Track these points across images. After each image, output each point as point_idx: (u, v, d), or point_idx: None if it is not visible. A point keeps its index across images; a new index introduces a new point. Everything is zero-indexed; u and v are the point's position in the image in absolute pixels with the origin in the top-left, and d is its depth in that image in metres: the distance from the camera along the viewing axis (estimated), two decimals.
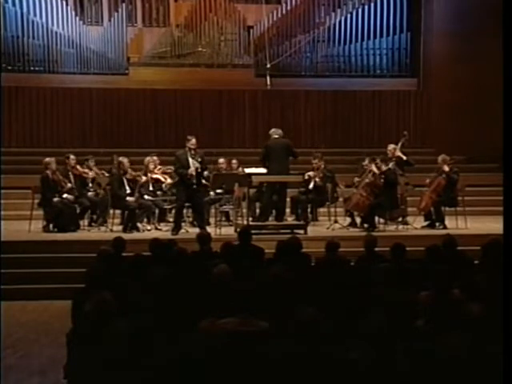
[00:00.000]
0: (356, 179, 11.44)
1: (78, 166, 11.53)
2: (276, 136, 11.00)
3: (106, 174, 11.75)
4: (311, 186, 11.63)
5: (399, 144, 11.90)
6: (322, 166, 11.79)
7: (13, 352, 6.71)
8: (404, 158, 11.82)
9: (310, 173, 11.67)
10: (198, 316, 4.49)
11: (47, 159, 11.10)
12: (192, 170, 10.36)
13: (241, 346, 4.06)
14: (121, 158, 11.33)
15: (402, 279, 5.34)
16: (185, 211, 11.26)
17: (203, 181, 10.93)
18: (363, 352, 3.88)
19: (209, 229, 9.73)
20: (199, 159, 10.47)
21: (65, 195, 10.95)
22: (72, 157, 11.50)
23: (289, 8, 16.36)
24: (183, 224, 10.92)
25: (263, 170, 10.83)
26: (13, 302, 8.48)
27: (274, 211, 11.13)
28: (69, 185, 11.07)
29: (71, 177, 11.32)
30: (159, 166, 11.87)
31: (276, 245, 6.84)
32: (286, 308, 4.46)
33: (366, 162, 11.42)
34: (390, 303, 4.55)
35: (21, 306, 8.45)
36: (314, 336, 3.94)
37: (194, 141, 10.50)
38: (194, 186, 10.44)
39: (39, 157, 12.34)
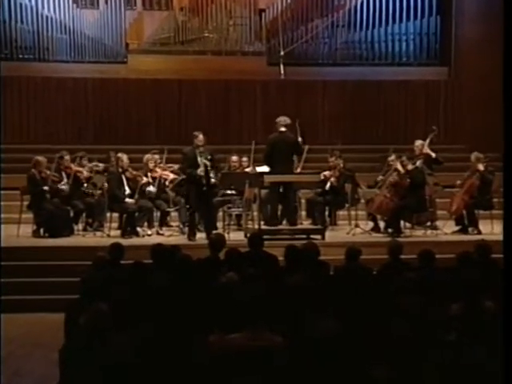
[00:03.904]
0: (380, 177, 11.43)
1: (72, 165, 11.52)
2: (283, 129, 10.98)
3: (100, 165, 11.74)
4: (327, 186, 11.64)
5: (427, 140, 11.89)
6: (341, 165, 11.79)
7: (2, 369, 6.74)
8: (433, 155, 11.81)
9: (326, 172, 11.67)
10: (205, 330, 4.51)
11: (39, 158, 11.11)
12: (201, 171, 10.38)
13: (252, 362, 4.08)
14: (119, 154, 11.37)
15: (431, 290, 5.35)
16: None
17: (212, 180, 10.95)
18: (388, 369, 3.89)
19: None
20: (209, 156, 10.48)
21: (59, 186, 10.96)
22: (66, 157, 11.48)
23: None
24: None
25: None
26: (1, 315, 8.50)
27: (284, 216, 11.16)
28: (65, 180, 11.09)
29: (64, 177, 11.33)
30: (161, 165, 11.86)
31: (289, 251, 6.84)
32: (302, 321, 4.48)
33: (393, 157, 11.38)
34: (418, 316, 4.56)
35: (10, 318, 8.45)
36: (333, 352, 3.95)
37: (201, 137, 10.52)
38: (204, 188, 10.47)
39: (29, 154, 12.38)
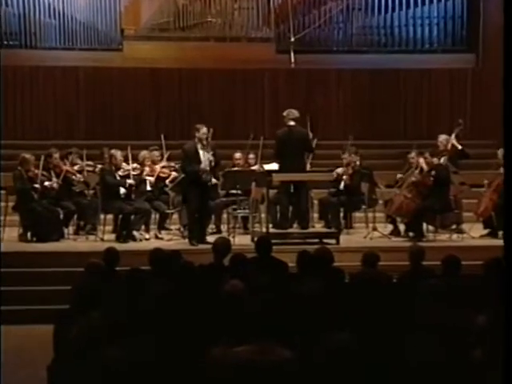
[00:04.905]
0: (399, 175, 11.43)
1: (62, 163, 11.49)
2: (291, 123, 10.98)
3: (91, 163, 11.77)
4: (342, 186, 11.65)
5: (453, 135, 11.89)
6: (357, 162, 11.80)
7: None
8: (459, 147, 11.81)
9: (339, 169, 11.68)
10: (208, 343, 4.52)
11: (26, 156, 11.12)
12: (205, 165, 10.38)
13: (259, 378, 4.08)
14: (113, 151, 11.39)
15: (456, 299, 5.34)
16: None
17: (214, 180, 10.97)
18: None
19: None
20: (211, 152, 10.51)
21: (46, 183, 10.97)
22: (55, 155, 11.50)
23: None
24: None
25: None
26: None
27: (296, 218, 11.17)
28: (54, 179, 11.11)
29: (53, 176, 11.33)
30: (163, 164, 11.87)
31: (301, 257, 6.86)
32: (314, 333, 4.48)
33: (413, 154, 11.41)
34: (441, 328, 4.56)
35: None
36: (348, 369, 3.95)
37: (204, 130, 10.53)
38: (209, 183, 10.47)
39: (15, 150, 12.43)
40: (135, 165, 11.38)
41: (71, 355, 4.37)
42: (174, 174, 11.67)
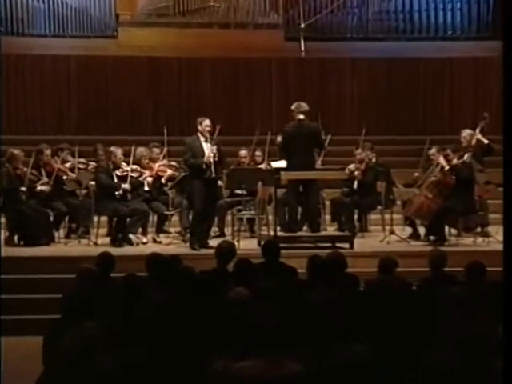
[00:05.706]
0: (416, 174, 11.43)
1: (53, 161, 11.49)
2: (301, 117, 10.97)
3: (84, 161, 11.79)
4: (356, 184, 11.65)
5: (477, 130, 11.88)
6: (373, 159, 11.80)
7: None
8: (485, 141, 11.80)
9: (351, 165, 11.68)
10: (210, 355, 4.53)
11: (15, 152, 11.14)
12: (209, 157, 10.36)
13: None
14: (113, 148, 11.34)
15: (480, 307, 5.35)
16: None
17: (219, 182, 10.99)
18: None
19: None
20: (215, 146, 10.50)
21: (38, 188, 11.00)
22: (47, 152, 11.50)
23: None
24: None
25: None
26: None
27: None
28: (45, 179, 11.13)
29: (43, 174, 11.33)
30: (163, 162, 11.89)
31: (312, 262, 6.87)
32: (326, 345, 4.49)
33: (434, 151, 11.41)
34: (464, 338, 4.57)
35: None
36: (362, 382, 3.97)
37: (207, 122, 10.53)
38: (213, 175, 10.45)
39: (1, 146, 12.44)
40: (135, 166, 11.35)
41: (62, 368, 4.38)
42: (169, 171, 11.66)
